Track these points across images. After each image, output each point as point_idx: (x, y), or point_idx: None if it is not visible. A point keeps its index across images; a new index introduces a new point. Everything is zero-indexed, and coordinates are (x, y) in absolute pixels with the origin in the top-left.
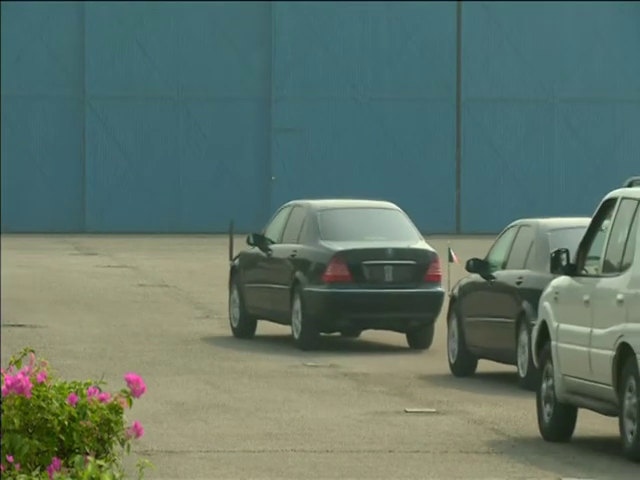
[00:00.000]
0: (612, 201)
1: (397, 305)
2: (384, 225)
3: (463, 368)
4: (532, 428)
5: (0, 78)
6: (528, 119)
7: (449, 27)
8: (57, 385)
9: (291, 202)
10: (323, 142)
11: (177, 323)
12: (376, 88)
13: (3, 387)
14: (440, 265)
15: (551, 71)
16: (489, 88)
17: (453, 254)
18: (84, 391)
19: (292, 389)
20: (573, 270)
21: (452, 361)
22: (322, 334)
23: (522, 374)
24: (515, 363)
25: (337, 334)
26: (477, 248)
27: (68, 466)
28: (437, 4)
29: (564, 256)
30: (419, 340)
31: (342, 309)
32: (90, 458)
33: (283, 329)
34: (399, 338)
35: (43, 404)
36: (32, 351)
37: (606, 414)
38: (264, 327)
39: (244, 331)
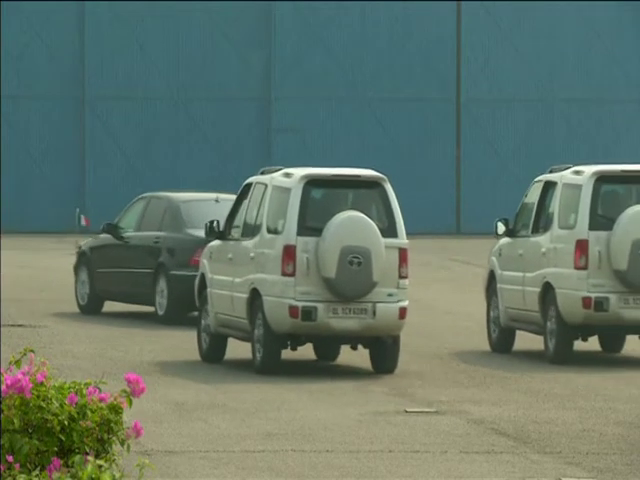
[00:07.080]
0: (249, 185)
1: None
2: None
3: (91, 309)
4: (532, 428)
5: (0, 78)
6: (528, 119)
7: (449, 27)
8: (57, 385)
9: None
10: (323, 142)
11: (177, 323)
12: (376, 88)
13: (3, 387)
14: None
15: (551, 71)
16: (489, 88)
17: (82, 217)
18: (84, 391)
19: (292, 389)
20: (222, 235)
21: (82, 303)
22: None
23: (160, 312)
24: (152, 305)
25: None
26: (477, 248)
27: (68, 466)
28: (437, 4)
29: (215, 225)
30: None
31: None
32: (90, 458)
33: None
34: None
35: (43, 404)
36: (32, 351)
37: (242, 340)
38: None
39: None
